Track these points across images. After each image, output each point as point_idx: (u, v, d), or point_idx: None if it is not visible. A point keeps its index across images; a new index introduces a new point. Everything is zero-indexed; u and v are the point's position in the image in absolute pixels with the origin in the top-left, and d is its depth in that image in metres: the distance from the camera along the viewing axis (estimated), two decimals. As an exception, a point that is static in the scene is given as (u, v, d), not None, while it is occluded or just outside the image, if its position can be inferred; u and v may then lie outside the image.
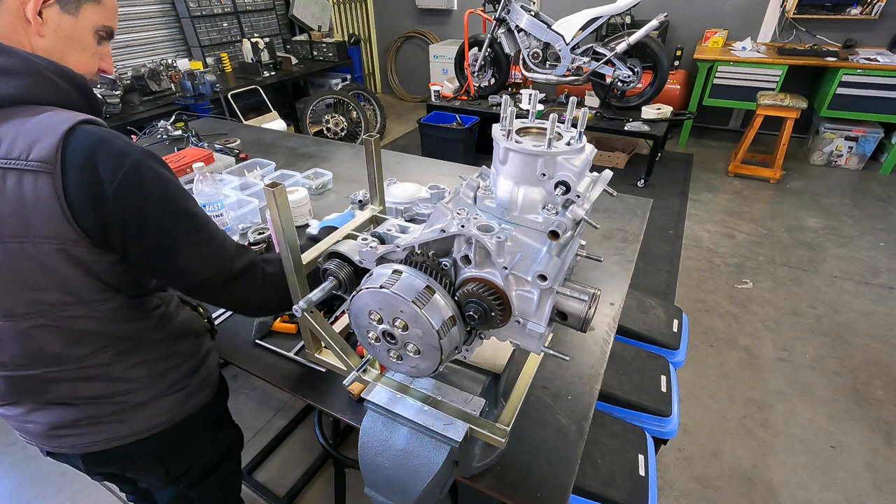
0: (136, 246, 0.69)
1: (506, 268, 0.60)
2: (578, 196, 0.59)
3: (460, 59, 4.48)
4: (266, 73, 4.52)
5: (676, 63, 4.48)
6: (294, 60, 5.07)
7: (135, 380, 0.84)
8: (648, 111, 3.86)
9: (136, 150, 0.68)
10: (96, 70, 0.79)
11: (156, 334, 0.85)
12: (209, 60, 4.53)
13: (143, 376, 0.84)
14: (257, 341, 1.14)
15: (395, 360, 0.70)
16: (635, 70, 3.75)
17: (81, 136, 0.64)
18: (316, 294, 0.74)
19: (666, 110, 3.87)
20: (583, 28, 3.71)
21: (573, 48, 3.78)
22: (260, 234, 1.47)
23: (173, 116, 2.59)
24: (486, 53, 4.21)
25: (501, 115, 0.61)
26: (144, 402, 0.86)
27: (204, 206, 1.41)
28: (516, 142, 0.60)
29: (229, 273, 0.78)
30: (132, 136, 2.46)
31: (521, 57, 4.03)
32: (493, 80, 4.45)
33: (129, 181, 0.66)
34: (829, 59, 3.87)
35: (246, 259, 0.81)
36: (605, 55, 3.71)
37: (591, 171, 0.66)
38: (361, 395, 0.90)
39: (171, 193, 0.71)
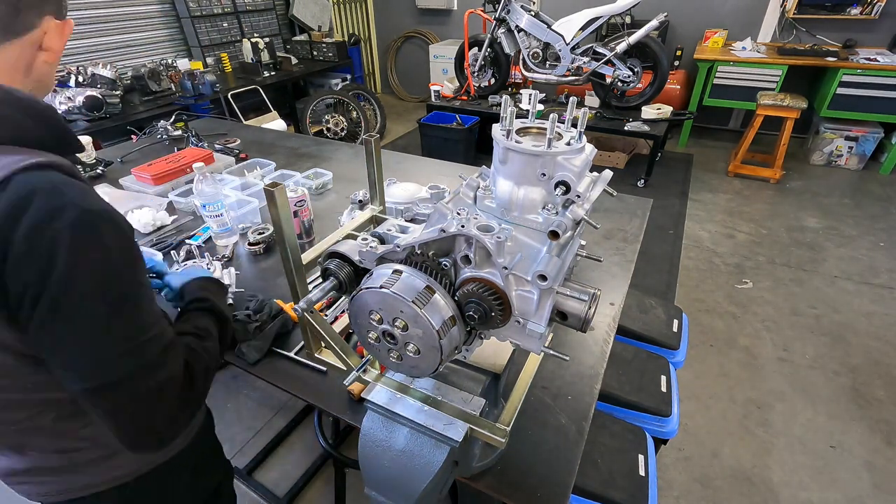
0: (27, 320, 0.57)
1: (506, 268, 0.60)
2: (578, 196, 0.59)
3: (460, 59, 4.48)
4: (266, 73, 4.53)
5: (676, 63, 4.48)
6: (294, 60, 5.07)
7: (85, 438, 0.76)
8: (648, 111, 3.86)
9: (76, 210, 0.56)
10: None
11: None
12: (209, 60, 4.53)
13: (93, 436, 0.76)
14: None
15: (395, 361, 0.70)
16: (635, 70, 3.75)
17: (17, 185, 0.54)
18: (316, 294, 0.74)
19: (666, 110, 3.87)
20: (583, 28, 3.71)
21: (573, 48, 3.78)
22: (260, 234, 1.47)
23: (173, 116, 2.59)
24: (486, 53, 4.21)
25: (501, 115, 0.61)
26: (97, 458, 0.80)
27: (204, 207, 1.41)
28: (516, 142, 0.60)
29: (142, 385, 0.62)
30: (132, 136, 2.46)
31: (521, 57, 4.03)
32: (493, 80, 4.45)
33: (43, 243, 0.54)
34: (829, 59, 3.87)
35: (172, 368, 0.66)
36: (605, 55, 3.71)
37: (591, 171, 0.66)
38: (361, 395, 0.90)
39: (105, 270, 0.58)
